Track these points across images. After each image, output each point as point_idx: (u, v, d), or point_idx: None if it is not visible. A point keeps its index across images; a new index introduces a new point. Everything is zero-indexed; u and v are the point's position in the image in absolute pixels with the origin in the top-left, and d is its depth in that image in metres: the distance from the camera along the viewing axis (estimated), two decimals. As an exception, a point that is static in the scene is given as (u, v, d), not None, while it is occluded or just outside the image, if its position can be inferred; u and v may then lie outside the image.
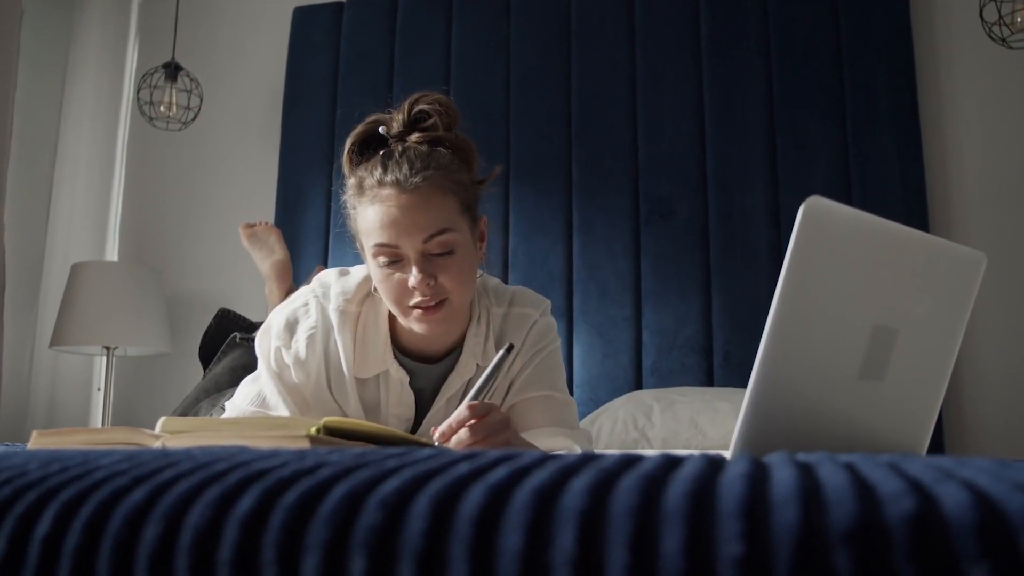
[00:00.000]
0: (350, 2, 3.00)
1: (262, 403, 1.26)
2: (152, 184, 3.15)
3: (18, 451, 0.55)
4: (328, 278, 1.31)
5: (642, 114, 2.68)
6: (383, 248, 1.17)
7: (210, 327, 2.19)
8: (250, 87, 3.12)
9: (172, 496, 0.38)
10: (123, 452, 0.47)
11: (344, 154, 1.24)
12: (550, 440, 1.23)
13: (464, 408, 1.01)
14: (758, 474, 0.37)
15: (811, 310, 0.67)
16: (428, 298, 1.17)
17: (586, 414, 2.31)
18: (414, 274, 1.15)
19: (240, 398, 1.29)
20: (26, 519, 0.39)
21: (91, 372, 3.02)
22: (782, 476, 0.35)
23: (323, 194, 2.85)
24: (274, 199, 2.93)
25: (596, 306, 2.59)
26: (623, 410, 2.19)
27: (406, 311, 1.20)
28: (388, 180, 1.16)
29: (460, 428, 1.00)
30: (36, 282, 2.97)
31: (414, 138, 1.21)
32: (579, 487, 0.34)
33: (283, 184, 2.92)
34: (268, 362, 1.27)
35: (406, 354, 1.28)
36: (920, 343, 0.75)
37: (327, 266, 2.74)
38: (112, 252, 3.13)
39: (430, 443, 0.76)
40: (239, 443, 0.65)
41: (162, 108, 2.81)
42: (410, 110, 1.22)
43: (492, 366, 1.10)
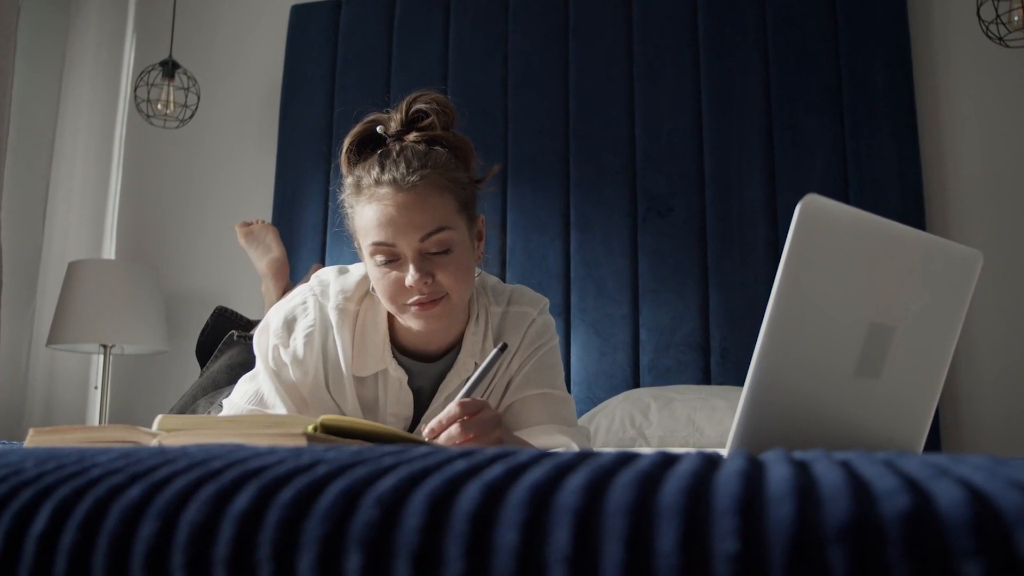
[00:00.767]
0: (348, 0, 3.00)
1: (260, 401, 1.26)
2: (149, 182, 3.14)
3: (14, 449, 0.55)
4: (327, 276, 1.31)
5: (640, 111, 2.68)
6: (380, 247, 1.17)
7: (207, 325, 2.19)
8: (248, 85, 3.11)
9: (168, 493, 0.38)
10: (119, 450, 0.47)
11: (342, 154, 1.24)
12: (548, 438, 1.23)
13: (454, 405, 1.01)
14: (754, 471, 0.37)
15: (808, 308, 0.67)
16: (425, 296, 1.17)
17: (583, 412, 2.31)
18: (411, 273, 1.15)
19: (238, 396, 1.29)
20: (22, 517, 0.39)
21: (88, 370, 3.02)
22: (777, 473, 0.36)
23: (320, 192, 2.85)
24: (271, 197, 2.93)
25: (593, 304, 2.59)
26: (620, 408, 2.19)
27: (403, 309, 1.19)
28: (385, 179, 1.16)
29: (450, 424, 1.00)
30: (33, 280, 2.96)
31: (411, 137, 1.21)
32: (575, 484, 0.34)
33: (280, 182, 2.91)
34: (266, 360, 1.27)
35: (404, 353, 1.28)
36: (916, 341, 0.75)
37: (324, 264, 2.74)
38: (109, 250, 3.12)
39: (427, 441, 0.76)
40: (236, 441, 0.65)
41: (159, 106, 2.81)
42: (408, 109, 1.22)
43: (485, 364, 1.10)
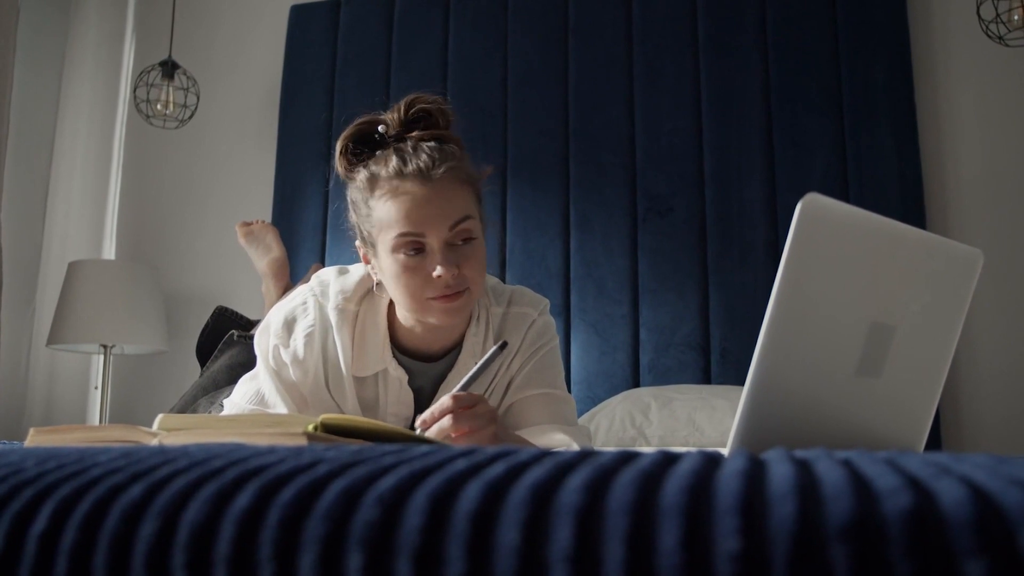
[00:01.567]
0: (347, 0, 3.00)
1: (261, 401, 1.26)
2: (149, 182, 3.14)
3: (15, 449, 0.55)
4: (327, 277, 1.31)
5: (640, 111, 2.68)
6: (408, 238, 1.16)
7: (207, 325, 2.19)
8: (247, 85, 3.11)
9: (169, 493, 0.38)
10: (120, 449, 0.47)
11: (338, 155, 1.23)
12: (548, 437, 1.23)
13: (448, 397, 1.01)
14: (755, 470, 0.37)
15: (808, 307, 0.67)
16: (451, 288, 1.17)
17: (583, 412, 2.31)
18: (440, 263, 1.15)
19: (238, 396, 1.29)
20: (23, 516, 0.39)
21: (88, 370, 3.02)
22: (779, 472, 0.35)
23: (320, 192, 2.85)
24: (271, 197, 2.93)
25: (593, 303, 2.59)
26: (620, 408, 2.19)
27: (424, 304, 1.19)
28: (409, 171, 1.16)
29: (443, 416, 1.00)
30: (33, 280, 2.96)
31: (418, 134, 1.21)
32: (576, 483, 0.34)
33: (280, 182, 2.91)
34: (267, 360, 1.27)
35: (405, 353, 1.28)
36: (917, 340, 0.75)
37: (324, 264, 2.74)
38: (109, 250, 3.12)
39: (428, 440, 0.76)
40: (236, 440, 0.64)
41: (159, 106, 2.81)
42: (407, 109, 1.22)
43: (484, 360, 1.10)
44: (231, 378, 1.85)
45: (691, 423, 2.08)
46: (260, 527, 0.35)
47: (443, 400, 1.01)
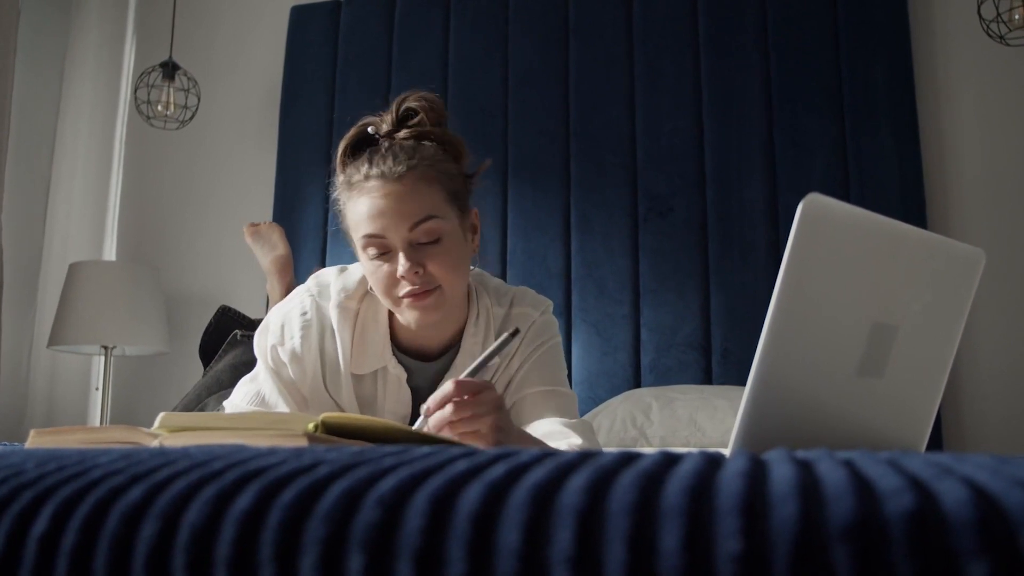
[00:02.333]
0: (348, 1, 3.00)
1: (261, 402, 1.26)
2: (150, 183, 3.14)
3: (15, 450, 0.55)
4: (327, 276, 1.31)
5: (640, 111, 2.68)
6: (371, 239, 1.17)
7: (210, 324, 2.19)
8: (248, 86, 3.11)
9: (169, 495, 0.38)
10: (120, 451, 0.47)
11: (338, 158, 1.25)
12: (548, 427, 1.22)
13: (450, 383, 1.00)
14: (757, 471, 0.36)
15: (810, 307, 0.67)
16: (418, 287, 1.17)
17: (585, 412, 2.31)
18: (401, 262, 1.16)
19: (239, 398, 1.29)
20: (23, 518, 0.39)
21: (89, 372, 3.02)
22: (781, 473, 0.35)
23: (321, 192, 2.85)
24: (272, 197, 2.93)
25: (594, 304, 2.59)
26: (622, 408, 2.18)
27: (397, 302, 1.20)
28: (374, 173, 1.17)
29: (445, 403, 0.99)
30: (34, 281, 2.97)
31: (401, 134, 1.21)
32: (577, 485, 0.34)
33: (281, 182, 2.91)
34: (265, 360, 1.27)
35: (404, 351, 1.29)
36: (919, 340, 0.75)
37: (325, 265, 2.74)
38: (110, 251, 3.12)
39: (429, 439, 0.76)
40: (237, 441, 0.64)
41: (159, 107, 2.81)
42: (398, 108, 1.23)
43: (493, 347, 1.08)
44: (235, 378, 1.85)
45: (692, 423, 2.08)
46: (261, 529, 0.35)
47: (446, 386, 0.99)
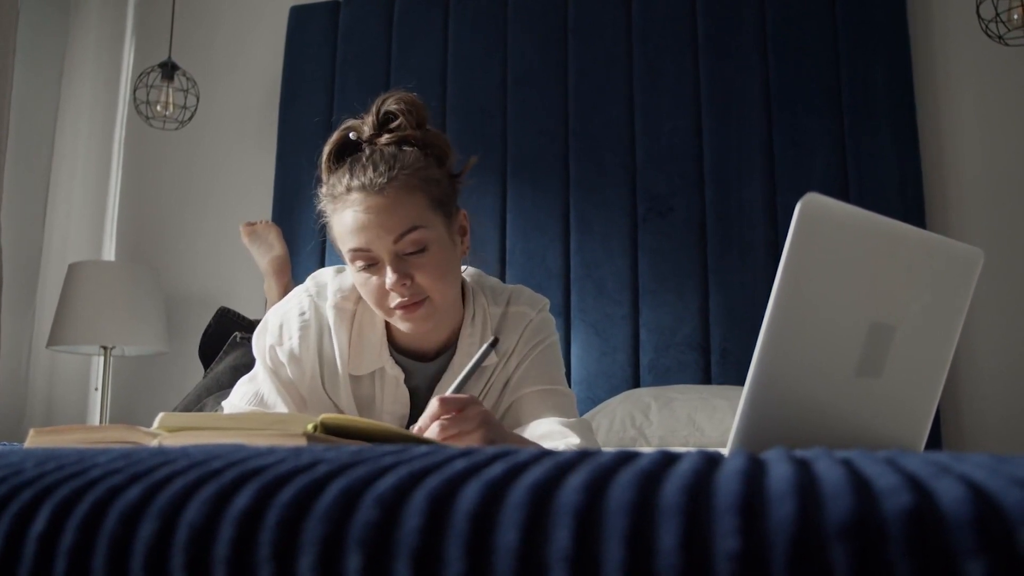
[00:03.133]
0: (347, 1, 3.00)
1: (260, 402, 1.26)
2: (149, 183, 3.14)
3: (14, 450, 0.55)
4: (324, 277, 1.31)
5: (639, 111, 2.68)
6: (357, 253, 1.17)
7: (209, 326, 2.19)
8: (247, 86, 3.11)
9: (168, 494, 0.38)
10: (119, 450, 0.47)
11: (322, 163, 1.24)
12: (547, 426, 1.22)
13: (435, 401, 1.01)
14: (755, 470, 0.37)
15: (808, 307, 0.67)
16: (407, 299, 1.17)
17: (584, 412, 2.31)
18: (389, 275, 1.16)
19: (237, 398, 1.29)
20: (22, 517, 0.39)
21: (89, 372, 3.02)
22: (779, 472, 0.35)
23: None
24: (271, 198, 2.93)
25: (594, 304, 2.59)
26: (621, 408, 2.18)
27: (389, 312, 1.20)
28: (355, 185, 1.17)
29: (432, 422, 1.00)
30: (33, 282, 2.96)
31: (382, 140, 1.21)
32: (575, 484, 0.34)
33: (280, 183, 2.91)
34: (264, 360, 1.27)
35: (401, 352, 1.29)
36: (917, 340, 0.75)
37: (323, 265, 2.74)
38: (109, 251, 3.12)
39: (427, 440, 0.76)
40: (236, 441, 0.64)
41: (159, 107, 2.81)
42: (378, 112, 1.22)
43: (474, 360, 1.10)
44: (235, 379, 1.85)
45: (691, 423, 2.08)
46: (259, 528, 0.35)
47: (431, 405, 1.01)
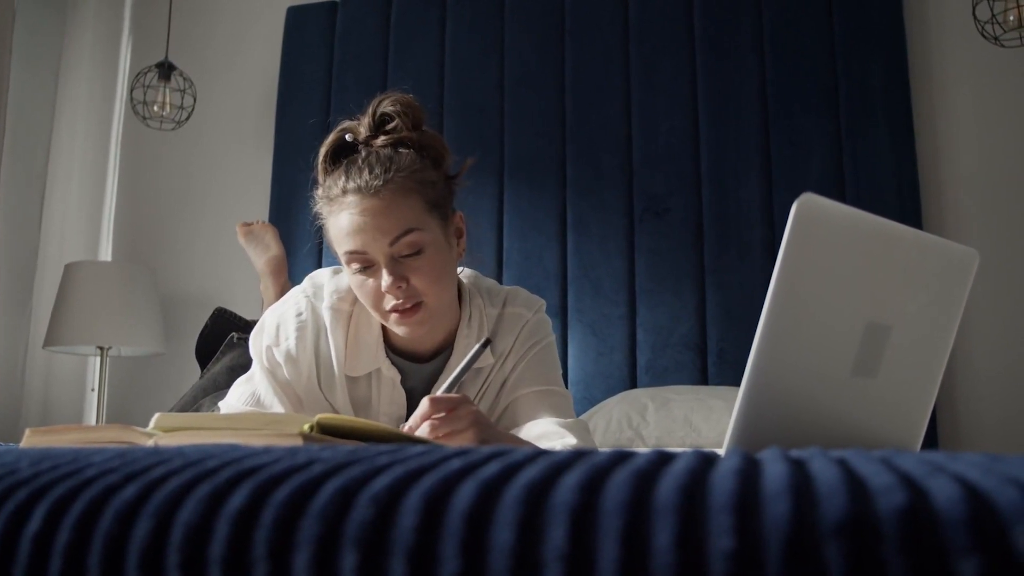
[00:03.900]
0: (344, 1, 3.00)
1: (257, 403, 1.26)
2: (146, 184, 3.14)
3: (9, 449, 0.55)
4: (320, 278, 1.31)
5: (636, 111, 2.69)
6: (352, 255, 1.17)
7: (206, 327, 2.19)
8: (244, 86, 3.11)
9: (163, 493, 0.38)
10: (114, 450, 0.47)
11: (318, 165, 1.24)
12: (543, 427, 1.22)
13: (425, 401, 1.01)
14: (750, 469, 0.37)
15: (804, 307, 0.67)
16: (402, 301, 1.17)
17: (580, 413, 2.31)
18: (384, 278, 1.16)
19: (234, 398, 1.29)
20: (17, 517, 0.39)
21: (85, 372, 3.01)
22: (774, 471, 0.35)
23: (317, 193, 2.85)
24: (268, 198, 2.93)
25: (590, 304, 2.59)
26: (617, 409, 2.19)
27: (385, 315, 1.20)
28: (350, 187, 1.17)
29: (423, 422, 1.00)
30: (29, 282, 2.96)
31: (378, 142, 1.21)
32: (570, 483, 0.34)
33: (277, 183, 2.91)
34: (261, 361, 1.27)
35: (397, 353, 1.28)
36: (913, 340, 0.75)
37: (321, 266, 2.74)
38: (106, 252, 3.12)
39: (423, 440, 0.76)
40: (231, 441, 0.64)
41: (155, 108, 2.81)
42: (374, 113, 1.22)
43: (466, 360, 1.11)
44: (231, 380, 1.84)
45: (688, 424, 2.08)
46: (254, 527, 0.35)
47: (422, 404, 1.01)
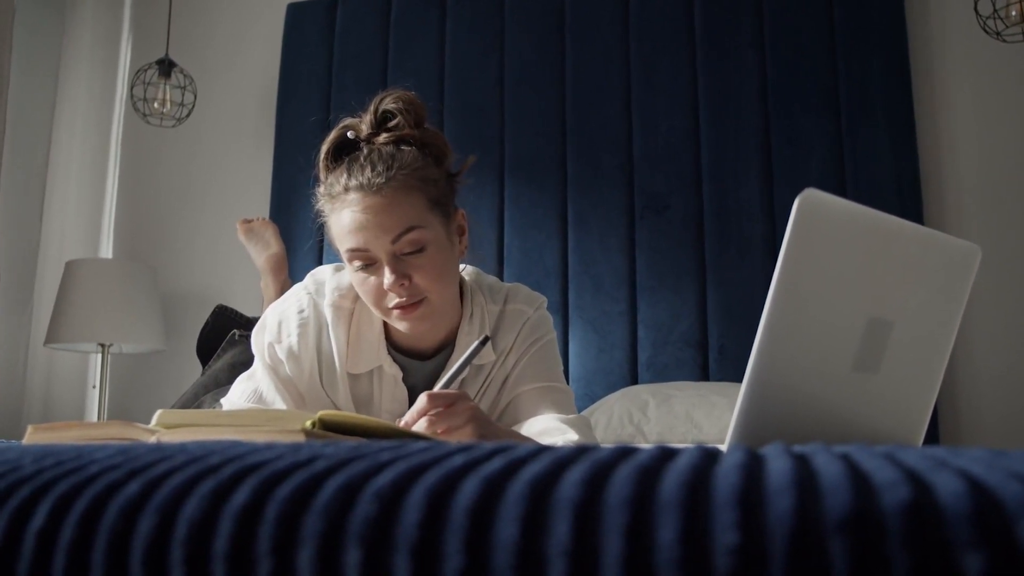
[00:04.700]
0: (344, -2, 3.00)
1: (259, 399, 1.26)
2: (146, 181, 3.14)
3: (13, 446, 0.55)
4: (322, 275, 1.31)
5: (636, 108, 2.68)
6: (355, 253, 1.17)
7: (207, 324, 2.19)
8: (244, 84, 3.11)
9: (167, 489, 0.38)
10: (117, 447, 0.47)
11: (320, 162, 1.24)
12: (545, 423, 1.22)
13: (423, 397, 1.01)
14: (753, 464, 0.37)
15: (806, 303, 0.67)
16: (405, 299, 1.17)
17: (581, 409, 2.31)
18: (387, 276, 1.16)
19: (236, 395, 1.29)
20: (21, 513, 0.39)
21: (86, 370, 3.01)
22: (777, 466, 0.35)
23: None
24: (268, 195, 2.93)
25: (591, 301, 2.59)
26: (618, 405, 2.19)
27: (387, 312, 1.20)
28: (352, 184, 1.17)
29: (420, 418, 1.00)
30: (30, 280, 2.96)
31: (381, 139, 1.21)
32: (574, 478, 0.34)
33: (277, 180, 2.91)
34: (263, 357, 1.27)
35: (399, 350, 1.29)
36: (915, 335, 0.75)
37: (322, 263, 2.73)
38: (107, 249, 3.12)
39: (425, 436, 0.76)
40: (234, 437, 0.64)
41: (156, 105, 2.81)
42: (376, 111, 1.22)
43: (464, 357, 1.11)
44: (232, 377, 1.85)
45: (689, 420, 2.08)
46: (258, 523, 0.35)
47: (419, 400, 1.01)
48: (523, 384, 1.29)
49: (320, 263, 2.71)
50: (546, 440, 1.19)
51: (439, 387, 1.07)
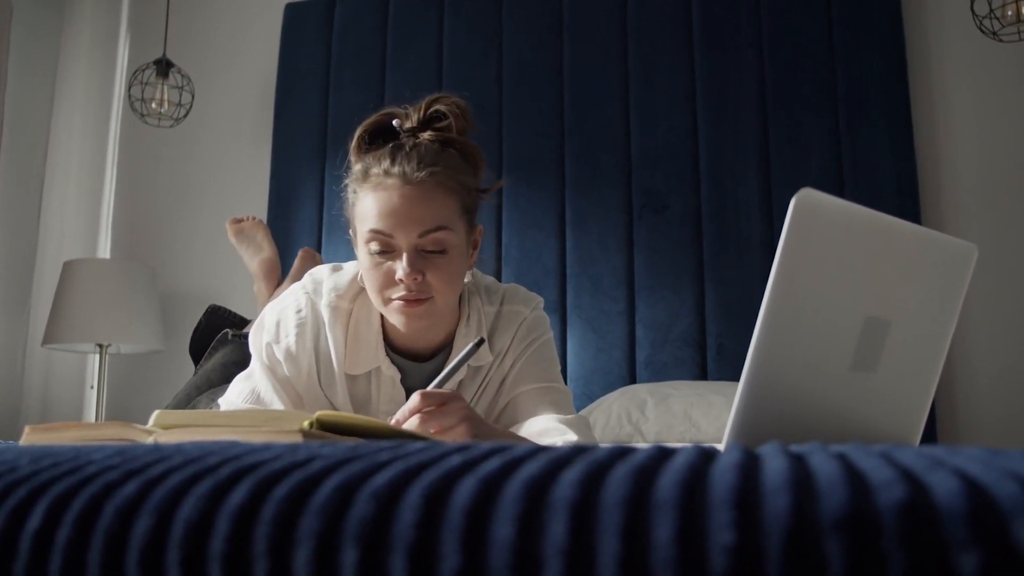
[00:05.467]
0: (342, -3, 3.00)
1: (256, 400, 1.26)
2: (144, 181, 3.14)
3: (10, 447, 0.55)
4: (320, 275, 1.31)
5: (635, 108, 2.68)
6: (377, 235, 1.17)
7: (200, 323, 2.19)
8: (242, 83, 3.11)
9: (163, 490, 0.38)
10: (114, 447, 0.47)
11: (354, 141, 1.24)
12: (544, 423, 1.22)
13: (416, 395, 1.01)
14: (750, 464, 0.37)
15: (803, 302, 0.67)
16: (412, 294, 1.17)
17: (580, 409, 2.31)
18: (403, 267, 1.16)
19: (234, 395, 1.29)
20: (18, 514, 0.39)
21: (84, 370, 3.01)
22: (774, 465, 0.35)
23: (316, 190, 2.85)
24: (266, 195, 2.93)
25: (590, 300, 2.59)
26: (617, 404, 2.19)
27: (387, 302, 1.20)
28: (395, 171, 1.17)
29: (412, 416, 1.00)
30: (28, 280, 2.96)
31: (427, 135, 1.21)
32: (570, 478, 0.34)
33: (276, 180, 2.91)
34: (261, 358, 1.27)
35: (397, 352, 1.29)
36: (912, 334, 0.75)
37: (320, 262, 2.73)
38: (104, 249, 3.12)
39: (423, 436, 0.76)
40: (231, 438, 0.64)
41: (154, 105, 2.80)
42: (427, 108, 1.22)
43: (458, 359, 1.11)
44: (225, 376, 1.85)
45: (687, 419, 2.08)
46: (255, 523, 0.35)
47: (412, 398, 1.01)
48: (521, 385, 1.29)
49: (314, 250, 2.71)
50: (545, 440, 1.19)
51: (431, 387, 1.07)
